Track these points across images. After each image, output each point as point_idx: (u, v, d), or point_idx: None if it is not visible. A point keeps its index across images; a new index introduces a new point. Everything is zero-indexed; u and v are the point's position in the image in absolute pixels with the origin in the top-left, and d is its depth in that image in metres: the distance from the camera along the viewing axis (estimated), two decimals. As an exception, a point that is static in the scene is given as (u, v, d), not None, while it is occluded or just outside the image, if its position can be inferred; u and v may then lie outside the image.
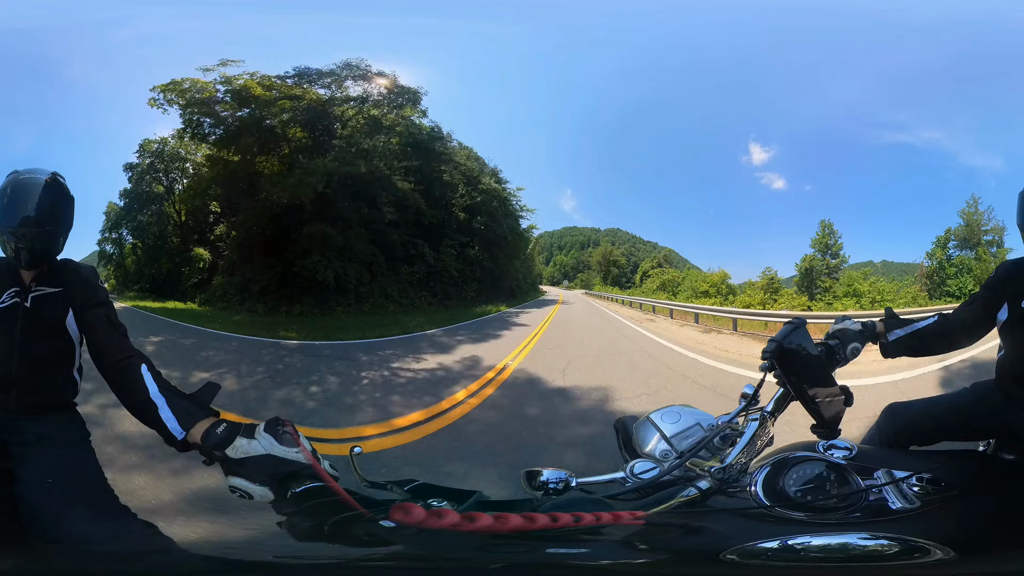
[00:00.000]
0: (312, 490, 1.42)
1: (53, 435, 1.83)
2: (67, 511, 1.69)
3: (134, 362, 1.79)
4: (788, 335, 1.63)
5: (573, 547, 1.16)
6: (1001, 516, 1.41)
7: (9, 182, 1.90)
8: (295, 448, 1.44)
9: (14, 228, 1.85)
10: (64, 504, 1.70)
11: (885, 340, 2.03)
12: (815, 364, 1.64)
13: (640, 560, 1.19)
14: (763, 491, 1.39)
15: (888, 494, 1.40)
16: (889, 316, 2.06)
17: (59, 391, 1.93)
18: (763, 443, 1.60)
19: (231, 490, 1.45)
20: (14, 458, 1.77)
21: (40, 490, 1.71)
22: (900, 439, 2.01)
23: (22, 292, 1.88)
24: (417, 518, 1.16)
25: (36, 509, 1.69)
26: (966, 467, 1.72)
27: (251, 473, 1.43)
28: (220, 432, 1.52)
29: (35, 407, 1.86)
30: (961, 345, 2.05)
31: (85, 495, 1.75)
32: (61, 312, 1.89)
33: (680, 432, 1.57)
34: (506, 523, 1.12)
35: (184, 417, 1.61)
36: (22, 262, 1.88)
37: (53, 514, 1.68)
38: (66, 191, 1.96)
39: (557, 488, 1.41)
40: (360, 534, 1.36)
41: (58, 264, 1.96)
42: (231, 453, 1.46)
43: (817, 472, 1.44)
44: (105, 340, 1.88)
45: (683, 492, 1.37)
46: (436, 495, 1.45)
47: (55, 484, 1.73)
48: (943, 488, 1.39)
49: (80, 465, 1.82)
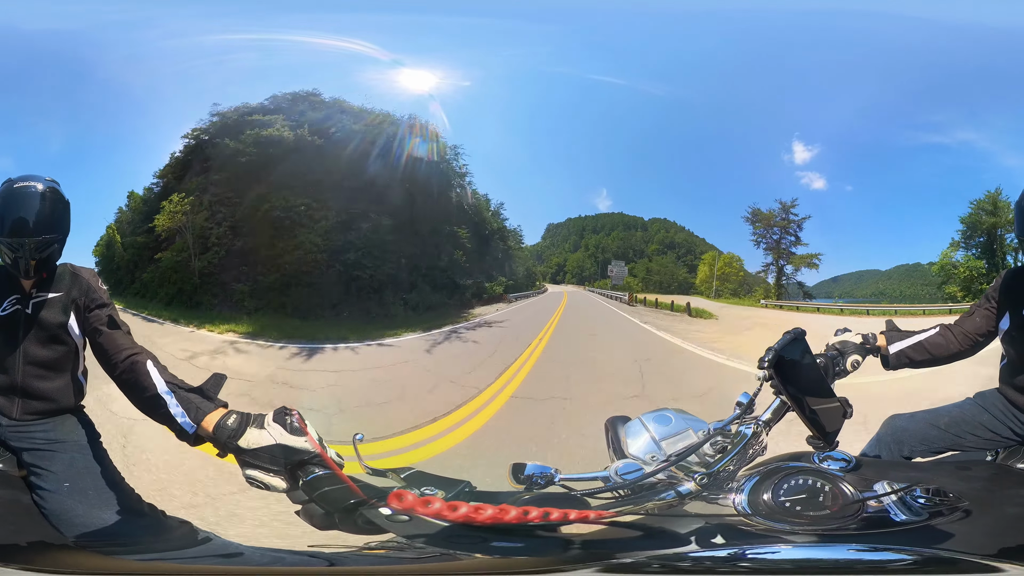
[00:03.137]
0: (321, 478, 1.49)
1: (63, 439, 1.85)
2: (94, 513, 1.71)
3: (140, 359, 1.77)
4: (787, 345, 1.61)
5: (521, 541, 1.20)
6: (1016, 524, 1.37)
7: (3, 192, 1.88)
8: (303, 436, 1.50)
9: (10, 240, 1.84)
10: (88, 507, 1.71)
11: (886, 352, 2.01)
12: (814, 375, 1.62)
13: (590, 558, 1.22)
14: (748, 499, 1.40)
15: (891, 506, 1.38)
16: (890, 328, 2.04)
17: (65, 395, 1.92)
18: (755, 452, 1.60)
19: (248, 481, 1.51)
20: (27, 465, 1.79)
21: (59, 495, 1.72)
22: (903, 451, 1.97)
23: (23, 299, 1.88)
24: (410, 505, 1.24)
25: (60, 515, 1.69)
26: (974, 477, 1.68)
27: (264, 463, 1.48)
28: (231, 424, 1.53)
29: (42, 412, 1.87)
30: (963, 355, 2.03)
31: (107, 496, 1.76)
32: (63, 316, 1.90)
33: (670, 436, 1.59)
34: (481, 514, 1.18)
35: (194, 411, 1.60)
36: (21, 272, 1.87)
37: (80, 517, 1.69)
38: (62, 198, 1.94)
39: (540, 483, 1.45)
40: (363, 522, 1.43)
41: (58, 269, 1.96)
42: (243, 444, 1.49)
43: (809, 483, 1.44)
44: (109, 340, 1.87)
45: (661, 495, 1.39)
46: (429, 483, 1.52)
47: (73, 488, 1.74)
48: (951, 499, 1.37)
49: (95, 467, 1.82)
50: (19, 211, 1.85)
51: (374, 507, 1.43)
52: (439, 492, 1.44)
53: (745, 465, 1.55)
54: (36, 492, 1.74)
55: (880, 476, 1.46)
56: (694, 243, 14.51)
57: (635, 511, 1.34)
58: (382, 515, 1.41)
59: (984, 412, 1.97)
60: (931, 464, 1.91)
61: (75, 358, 1.95)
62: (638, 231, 15.60)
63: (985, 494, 1.49)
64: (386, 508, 1.38)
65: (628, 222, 15.83)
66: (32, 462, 1.80)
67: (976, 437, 1.95)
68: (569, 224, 16.95)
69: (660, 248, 14.59)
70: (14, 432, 1.85)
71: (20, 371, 1.86)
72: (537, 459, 1.50)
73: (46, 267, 1.92)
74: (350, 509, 1.45)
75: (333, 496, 1.47)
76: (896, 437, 2.00)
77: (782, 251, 11.51)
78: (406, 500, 1.26)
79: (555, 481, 1.46)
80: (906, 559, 1.25)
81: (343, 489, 1.46)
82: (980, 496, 1.44)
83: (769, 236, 11.46)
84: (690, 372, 7.34)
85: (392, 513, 1.36)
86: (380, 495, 1.42)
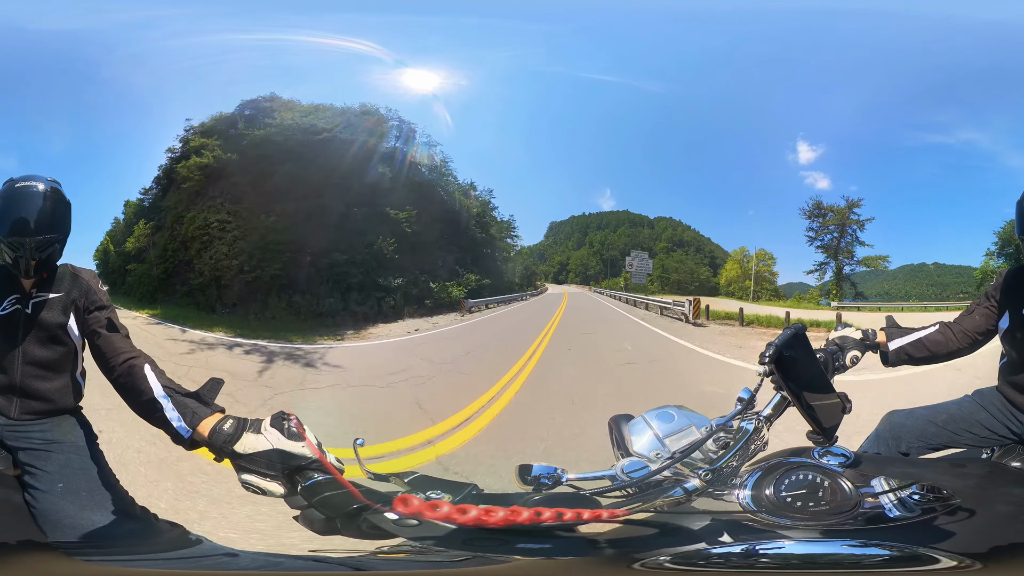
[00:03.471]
0: (320, 483, 1.46)
1: (60, 440, 1.84)
2: (84, 514, 1.69)
3: (138, 362, 1.76)
4: (788, 340, 1.63)
5: (544, 543, 1.20)
6: (1007, 523, 1.39)
7: (4, 191, 1.88)
8: (301, 441, 1.48)
9: (11, 239, 1.83)
10: (79, 508, 1.70)
11: (886, 348, 2.03)
12: (814, 370, 1.64)
13: (610, 557, 1.23)
14: (751, 495, 1.41)
15: (886, 502, 1.40)
16: (890, 324, 2.06)
17: (63, 396, 1.92)
18: (757, 447, 1.61)
19: (244, 486, 1.48)
20: (23, 465, 1.78)
21: (51, 495, 1.71)
22: (901, 447, 2.00)
23: (23, 299, 1.88)
24: (416, 509, 1.23)
25: (50, 515, 1.67)
26: (970, 474, 1.70)
27: (261, 468, 1.46)
28: (227, 429, 1.52)
29: (40, 413, 1.87)
30: (962, 353, 2.05)
31: (100, 498, 1.75)
32: (62, 317, 1.89)
33: (673, 433, 1.59)
34: (493, 516, 1.17)
35: (190, 415, 1.59)
36: (21, 271, 1.87)
37: (70, 518, 1.67)
38: (63, 198, 1.93)
39: (548, 483, 1.45)
40: (368, 527, 1.41)
41: (58, 269, 1.95)
42: (239, 449, 1.48)
43: (809, 478, 1.45)
44: (107, 343, 1.87)
45: (668, 492, 1.39)
46: (434, 487, 1.50)
47: (67, 488, 1.73)
48: (946, 496, 1.38)
49: (90, 468, 1.81)
50: (20, 211, 1.85)
51: (379, 512, 1.41)
52: (445, 496, 1.42)
53: (747, 461, 1.56)
54: (28, 491, 1.73)
55: (878, 472, 1.47)
56: (702, 242, 14.18)
57: (645, 509, 1.34)
58: (388, 519, 1.40)
59: (982, 410, 1.99)
60: (927, 461, 1.93)
61: (74, 359, 1.95)
62: (645, 228, 15.07)
63: (979, 492, 1.50)
64: (391, 513, 1.37)
65: (634, 219, 15.26)
66: (27, 461, 1.78)
67: (973, 435, 1.97)
68: (572, 221, 16.43)
69: (669, 246, 14.23)
70: (11, 431, 1.83)
71: (19, 371, 1.85)
72: (542, 460, 1.49)
73: (46, 267, 1.91)
74: (353, 514, 1.44)
75: (334, 501, 1.45)
76: (894, 433, 2.02)
77: (841, 250, 11.20)
78: (412, 504, 1.24)
79: (563, 481, 1.45)
80: (899, 555, 1.26)
81: (344, 494, 1.44)
82: (974, 494, 1.45)
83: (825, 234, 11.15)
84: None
85: (399, 518, 1.35)
86: (383, 500, 1.41)
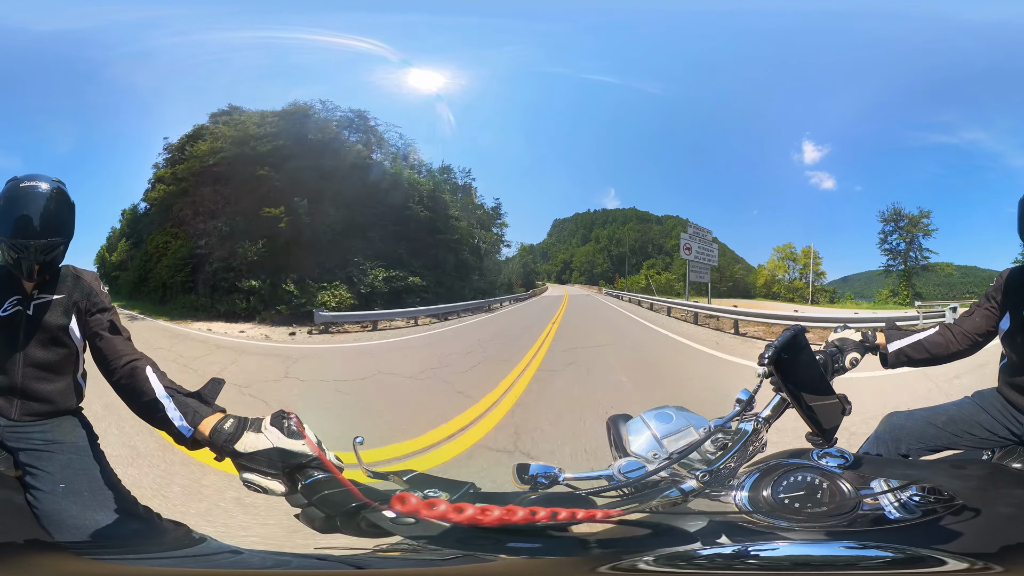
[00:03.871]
0: (320, 481, 1.48)
1: (61, 441, 1.83)
2: (87, 514, 1.69)
3: (140, 364, 1.76)
4: (787, 342, 1.62)
5: (535, 542, 1.20)
6: (1008, 525, 1.38)
7: (8, 190, 1.83)
8: (301, 440, 1.49)
9: (14, 241, 1.80)
10: (82, 508, 1.69)
11: (885, 350, 2.02)
12: (814, 372, 1.63)
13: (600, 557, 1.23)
14: (748, 496, 1.41)
15: (885, 504, 1.39)
16: (890, 326, 2.05)
17: (64, 397, 1.91)
18: (755, 449, 1.60)
19: (245, 485, 1.49)
20: (23, 466, 1.77)
21: (53, 496, 1.70)
22: (900, 448, 1.99)
23: (24, 300, 1.86)
24: (413, 508, 1.23)
25: (52, 515, 1.67)
26: (970, 476, 1.69)
27: (262, 467, 1.47)
28: (228, 428, 1.53)
29: (41, 414, 1.86)
30: (962, 355, 2.04)
31: (102, 498, 1.74)
32: (64, 319, 1.88)
33: (671, 433, 1.59)
34: (488, 515, 1.18)
35: (191, 414, 1.59)
36: (23, 273, 1.85)
37: (73, 518, 1.67)
38: (68, 199, 1.90)
39: (545, 483, 1.45)
40: (366, 525, 1.42)
41: (60, 271, 1.94)
42: (240, 448, 1.49)
43: (808, 480, 1.45)
44: (109, 346, 1.86)
45: (665, 493, 1.40)
46: (432, 485, 1.51)
47: (69, 489, 1.72)
48: (946, 497, 1.38)
49: (92, 468, 1.81)
50: (24, 212, 1.81)
51: (377, 510, 1.42)
52: (443, 494, 1.43)
53: (746, 462, 1.56)
54: (30, 492, 1.72)
55: (877, 474, 1.47)
56: (711, 241, 14.10)
57: (641, 509, 1.34)
58: (386, 518, 1.41)
59: (982, 411, 1.98)
60: (927, 462, 1.92)
61: (76, 361, 1.94)
62: (654, 224, 14.88)
63: (980, 493, 1.49)
64: (389, 511, 1.37)
65: (641, 216, 15.08)
66: (28, 462, 1.78)
67: (973, 436, 1.97)
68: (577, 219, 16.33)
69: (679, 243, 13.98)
70: (12, 432, 1.83)
71: (20, 372, 1.84)
72: (540, 459, 1.50)
73: (49, 269, 1.90)
74: (352, 512, 1.45)
75: (333, 499, 1.46)
76: (894, 435, 2.01)
77: (910, 256, 11.59)
78: (409, 503, 1.25)
79: (559, 480, 1.46)
80: (899, 557, 1.26)
81: (343, 492, 1.45)
82: (974, 495, 1.44)
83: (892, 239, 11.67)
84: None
85: (397, 516, 1.36)
86: (382, 498, 1.42)
